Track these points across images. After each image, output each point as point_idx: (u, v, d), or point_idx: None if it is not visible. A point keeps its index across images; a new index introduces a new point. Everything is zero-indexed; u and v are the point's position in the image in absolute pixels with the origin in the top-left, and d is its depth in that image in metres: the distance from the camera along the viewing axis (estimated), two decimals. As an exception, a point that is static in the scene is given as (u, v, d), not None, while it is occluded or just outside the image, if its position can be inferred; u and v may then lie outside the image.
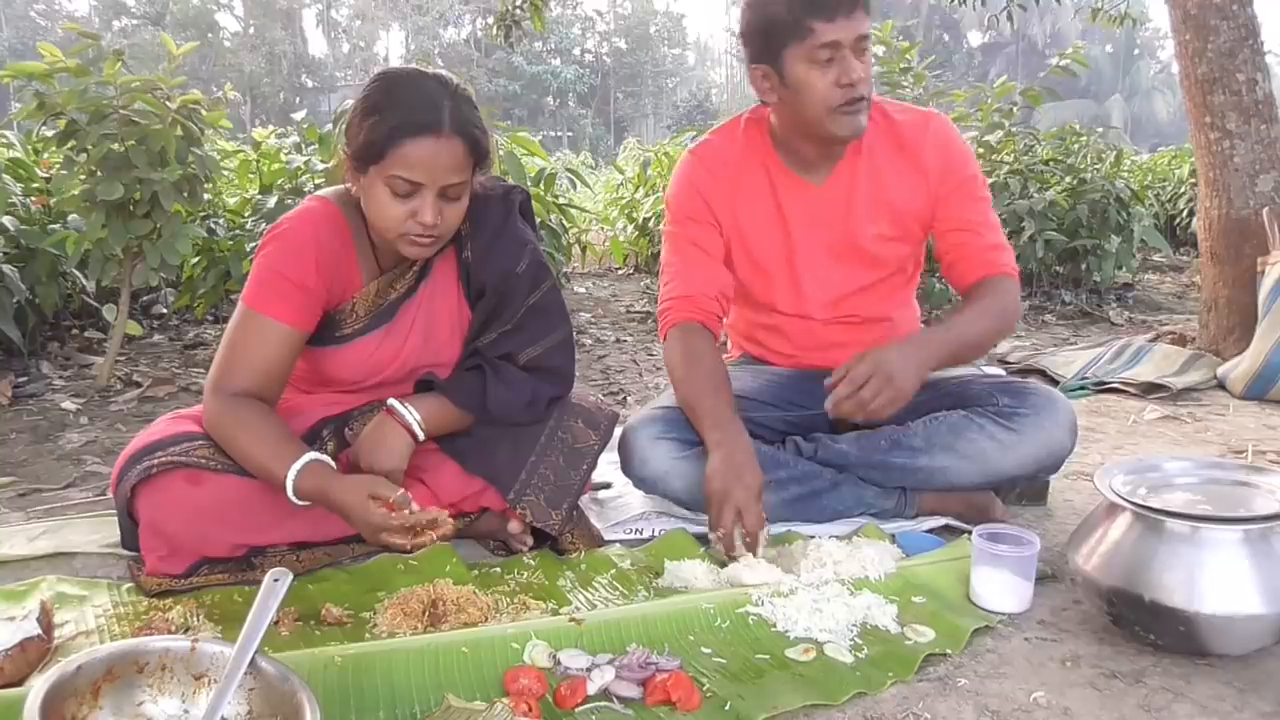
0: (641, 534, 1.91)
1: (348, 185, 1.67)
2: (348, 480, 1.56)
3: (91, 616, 1.54)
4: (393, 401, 1.70)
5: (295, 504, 1.57)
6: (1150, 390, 3.18)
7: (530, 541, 1.80)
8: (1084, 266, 5.21)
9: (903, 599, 1.56)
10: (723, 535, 1.69)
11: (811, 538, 1.78)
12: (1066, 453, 1.89)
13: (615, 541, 1.87)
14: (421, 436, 1.70)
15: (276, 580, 1.21)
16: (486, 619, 1.48)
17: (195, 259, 3.80)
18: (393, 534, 1.50)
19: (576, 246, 6.51)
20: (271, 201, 3.69)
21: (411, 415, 1.68)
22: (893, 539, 1.81)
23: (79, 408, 3.08)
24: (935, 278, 4.24)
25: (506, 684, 1.28)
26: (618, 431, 1.91)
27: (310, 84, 46.65)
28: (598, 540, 1.85)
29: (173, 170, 2.92)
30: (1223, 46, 3.37)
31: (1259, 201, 3.38)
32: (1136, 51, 48.36)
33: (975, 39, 48.03)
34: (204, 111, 3.07)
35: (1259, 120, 3.39)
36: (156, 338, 4.26)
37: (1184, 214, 7.59)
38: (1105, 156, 5.96)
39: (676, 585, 1.64)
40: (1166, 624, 1.36)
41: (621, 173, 7.13)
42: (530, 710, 1.22)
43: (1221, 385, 3.25)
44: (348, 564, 1.74)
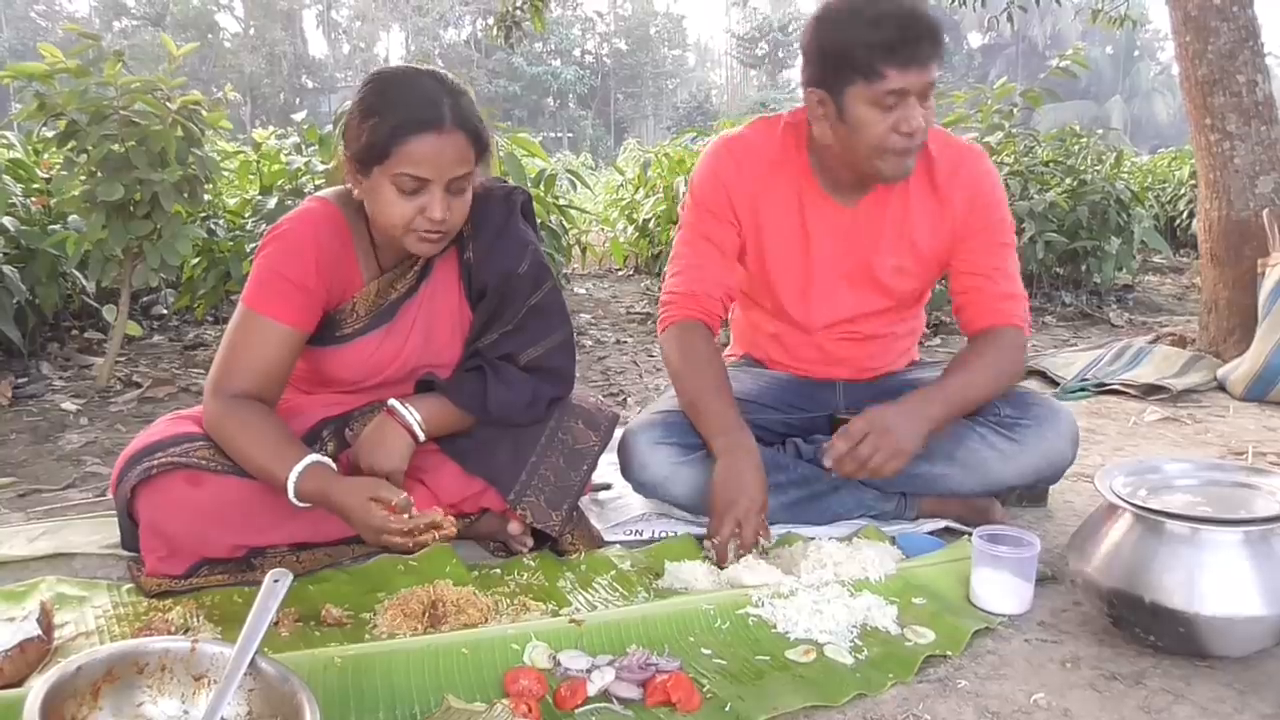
0: (641, 535, 1.91)
1: (349, 187, 1.66)
2: (349, 482, 1.56)
3: (91, 617, 1.53)
4: (393, 402, 1.70)
5: (296, 505, 1.57)
6: (1150, 392, 3.18)
7: (530, 542, 1.80)
8: (1084, 268, 5.21)
9: (903, 600, 1.56)
10: (718, 545, 1.69)
11: (812, 539, 1.78)
12: (1067, 463, 1.89)
13: (615, 543, 1.87)
14: (422, 437, 1.69)
15: (276, 581, 1.20)
16: (486, 620, 1.48)
17: (195, 260, 3.80)
18: (393, 536, 1.51)
19: (577, 248, 6.51)
20: (271, 202, 3.69)
21: (412, 416, 1.68)
22: (893, 540, 1.81)
23: (79, 408, 3.08)
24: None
25: (506, 685, 1.28)
26: (618, 433, 1.91)
27: (310, 85, 46.69)
28: (598, 541, 1.85)
29: (173, 171, 2.92)
30: (1223, 48, 3.37)
31: (1259, 203, 3.38)
32: (1137, 53, 48.39)
33: (975, 40, 48.06)
34: (204, 112, 3.07)
35: (1259, 122, 3.39)
36: (156, 338, 4.26)
37: (1184, 215, 7.60)
38: (1105, 158, 5.96)
39: (676, 586, 1.64)
40: (1166, 625, 1.36)
41: (622, 174, 7.13)
42: (530, 711, 1.22)
43: (1222, 387, 3.24)
44: (348, 565, 1.74)
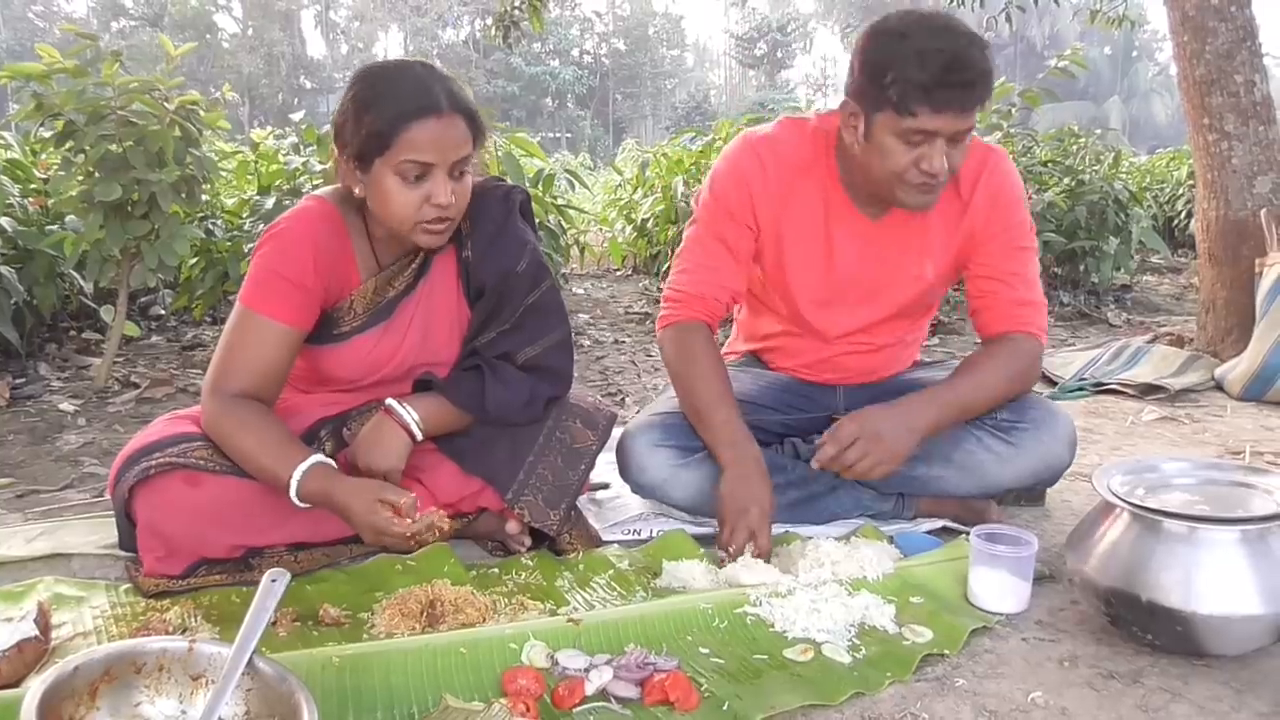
0: (639, 535, 1.91)
1: (347, 186, 1.66)
2: (353, 482, 1.56)
3: (89, 617, 1.53)
4: (391, 401, 1.70)
5: (297, 505, 1.57)
6: (1148, 391, 3.18)
7: (528, 542, 1.80)
8: (1082, 268, 5.21)
9: (901, 599, 1.56)
10: (733, 554, 1.68)
11: (809, 538, 1.77)
12: (1064, 467, 1.88)
13: (613, 542, 1.87)
14: (419, 436, 1.69)
15: (274, 581, 1.20)
16: (484, 619, 1.47)
17: (193, 260, 3.79)
18: (394, 538, 1.52)
19: (575, 248, 6.51)
20: (269, 202, 3.69)
21: (410, 415, 1.68)
22: (891, 540, 1.81)
23: (77, 409, 3.07)
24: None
25: (504, 684, 1.28)
26: (616, 432, 1.91)
27: (308, 85, 46.68)
28: (596, 541, 1.85)
29: (171, 171, 2.92)
30: (1221, 48, 3.38)
31: (1257, 203, 3.38)
32: (1135, 53, 48.43)
33: (974, 40, 47.98)
34: (202, 112, 3.07)
35: (1257, 122, 3.39)
36: (154, 339, 4.26)
37: (1182, 215, 7.61)
38: (1104, 158, 5.97)
39: (674, 585, 1.64)
40: (1164, 624, 1.36)
41: (620, 174, 7.13)
42: (528, 710, 1.22)
43: (1219, 386, 3.25)
44: (346, 565, 1.74)
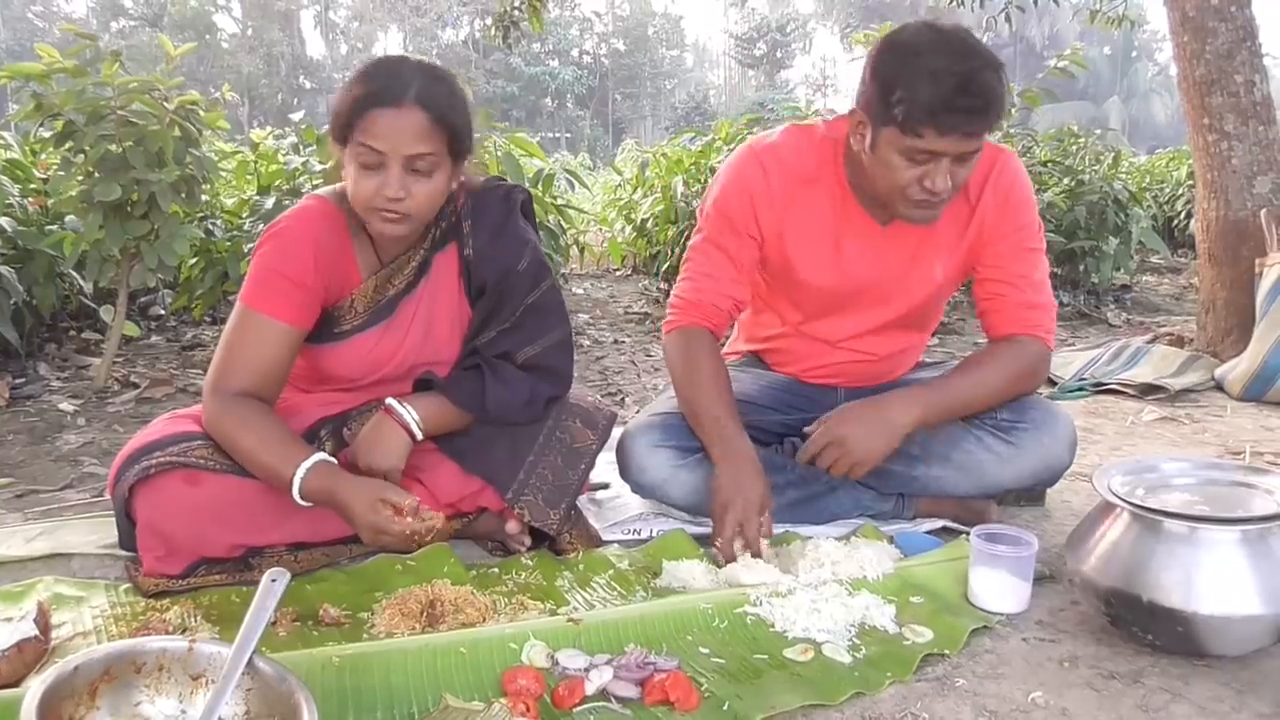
0: (639, 535, 1.91)
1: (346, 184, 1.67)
2: (356, 481, 1.57)
3: (89, 617, 1.53)
4: (391, 401, 1.70)
5: (299, 504, 1.57)
6: (1148, 391, 3.19)
7: (528, 542, 1.80)
8: (1082, 268, 5.21)
9: (901, 599, 1.56)
10: (721, 546, 1.70)
11: (810, 538, 1.77)
12: (1064, 467, 1.89)
13: (613, 542, 1.87)
14: (420, 436, 1.69)
15: (274, 580, 1.20)
16: (484, 619, 1.47)
17: (193, 260, 3.79)
18: (392, 538, 1.53)
19: (574, 248, 6.51)
20: (269, 202, 3.69)
21: (410, 414, 1.68)
22: (891, 540, 1.81)
23: (76, 409, 3.07)
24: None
25: (504, 684, 1.28)
26: (616, 432, 1.91)
27: (308, 85, 46.66)
28: (596, 540, 1.85)
29: (170, 171, 2.92)
30: (1221, 48, 3.38)
31: (1257, 203, 3.38)
32: (1134, 53, 48.43)
33: (973, 41, 48.01)
34: (202, 112, 3.07)
35: (1257, 122, 3.39)
36: (154, 339, 4.26)
37: (1182, 216, 7.62)
38: (1103, 158, 5.98)
39: (675, 585, 1.64)
40: (1164, 624, 1.36)
41: (619, 174, 7.13)
42: (528, 710, 1.22)
43: (1219, 386, 3.25)
44: (345, 564, 1.74)
